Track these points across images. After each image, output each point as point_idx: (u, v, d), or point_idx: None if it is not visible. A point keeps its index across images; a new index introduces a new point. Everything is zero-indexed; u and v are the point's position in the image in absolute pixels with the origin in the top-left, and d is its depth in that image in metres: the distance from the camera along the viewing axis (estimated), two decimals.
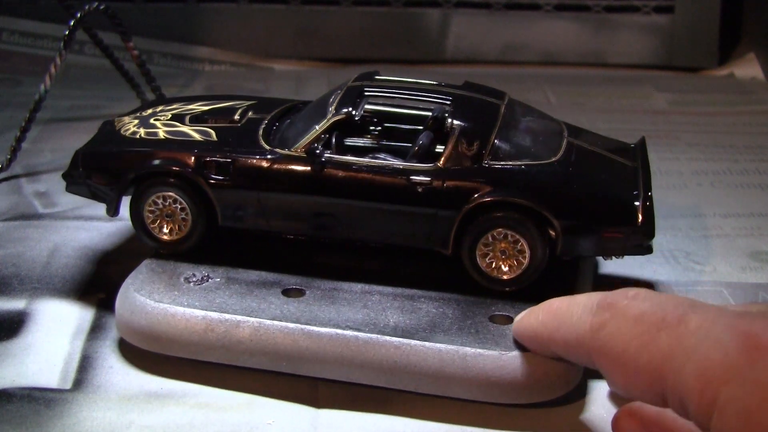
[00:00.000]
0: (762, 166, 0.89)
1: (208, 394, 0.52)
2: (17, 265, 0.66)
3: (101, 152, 0.61)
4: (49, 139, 0.92)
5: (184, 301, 0.54)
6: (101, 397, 0.51)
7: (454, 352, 0.50)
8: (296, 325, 0.52)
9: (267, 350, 0.52)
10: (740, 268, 0.67)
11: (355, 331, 0.52)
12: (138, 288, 0.56)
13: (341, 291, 0.56)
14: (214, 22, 1.24)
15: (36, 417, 0.49)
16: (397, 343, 0.51)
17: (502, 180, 0.55)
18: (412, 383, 0.51)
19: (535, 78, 1.19)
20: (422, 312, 0.54)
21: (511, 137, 0.57)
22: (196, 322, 0.53)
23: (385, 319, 0.53)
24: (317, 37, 1.24)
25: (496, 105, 0.59)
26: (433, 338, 0.51)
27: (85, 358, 0.55)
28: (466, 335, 0.52)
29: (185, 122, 0.62)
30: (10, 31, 1.21)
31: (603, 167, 0.58)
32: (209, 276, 0.57)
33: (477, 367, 0.50)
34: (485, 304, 0.55)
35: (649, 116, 1.04)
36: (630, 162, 0.59)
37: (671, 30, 1.23)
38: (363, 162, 0.56)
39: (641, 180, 0.57)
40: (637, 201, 0.55)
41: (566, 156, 0.57)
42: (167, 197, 0.59)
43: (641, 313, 0.39)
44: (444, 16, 1.24)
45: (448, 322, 0.53)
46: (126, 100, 0.99)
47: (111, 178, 0.60)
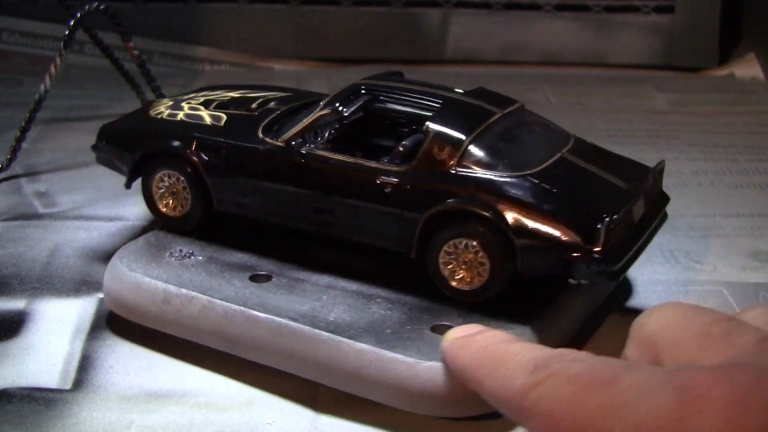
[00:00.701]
0: (762, 166, 0.88)
1: (208, 394, 0.52)
2: (17, 265, 0.66)
3: (120, 128, 0.65)
4: (49, 139, 0.92)
5: (154, 272, 0.57)
6: (101, 397, 0.51)
7: (373, 354, 0.50)
8: (240, 307, 0.54)
9: (211, 329, 0.54)
10: (740, 268, 0.67)
11: (291, 321, 0.52)
12: (122, 256, 0.59)
13: (306, 282, 0.57)
14: (214, 22, 1.24)
15: (36, 417, 0.49)
16: (324, 338, 0.51)
17: (466, 188, 0.53)
18: (334, 380, 0.51)
19: (535, 78, 1.19)
20: (370, 312, 0.54)
21: (491, 146, 0.55)
22: (156, 293, 0.56)
23: (327, 313, 0.53)
24: (317, 37, 1.24)
25: (489, 113, 0.57)
26: (361, 338, 0.51)
27: (85, 358, 0.55)
28: (396, 339, 0.51)
29: (209, 108, 0.64)
30: (10, 31, 1.21)
31: (587, 186, 0.55)
32: (193, 253, 0.60)
33: (392, 372, 0.49)
34: (438, 312, 0.54)
35: (649, 116, 1.04)
36: (627, 185, 0.56)
37: (671, 30, 1.23)
38: (338, 158, 0.57)
39: (630, 204, 0.54)
40: (600, 224, 0.51)
41: (547, 171, 0.54)
42: (172, 176, 0.61)
43: (574, 375, 0.37)
44: (444, 16, 1.24)
45: (388, 324, 0.52)
46: (126, 100, 0.99)
47: (125, 153, 0.63)
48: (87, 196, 0.78)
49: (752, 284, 0.65)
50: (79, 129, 0.95)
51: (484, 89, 0.61)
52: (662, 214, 0.60)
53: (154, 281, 0.56)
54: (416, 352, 0.50)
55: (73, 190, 0.79)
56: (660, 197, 0.61)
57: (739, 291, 0.64)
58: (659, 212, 0.59)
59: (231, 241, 0.61)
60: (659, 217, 0.59)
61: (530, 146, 0.57)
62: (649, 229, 0.57)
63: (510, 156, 0.55)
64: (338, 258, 0.59)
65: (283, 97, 0.66)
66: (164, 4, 1.23)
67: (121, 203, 0.76)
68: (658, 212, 0.59)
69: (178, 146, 0.61)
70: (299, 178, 0.57)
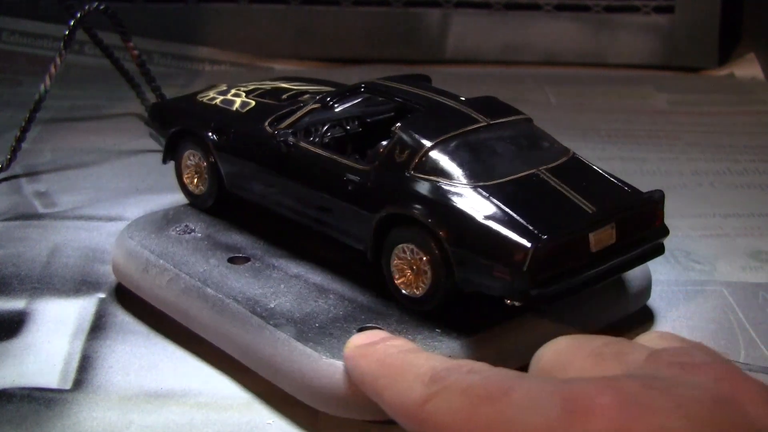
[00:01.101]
0: (762, 166, 0.89)
1: (208, 394, 0.52)
2: (17, 265, 0.66)
3: (165, 106, 0.69)
4: (49, 139, 0.92)
5: (147, 242, 0.60)
6: (101, 397, 0.51)
7: (287, 344, 0.50)
8: (198, 283, 0.56)
9: (173, 300, 0.57)
10: (740, 268, 0.67)
11: (233, 302, 0.54)
12: (133, 224, 0.63)
13: (277, 269, 0.58)
14: (214, 22, 1.24)
15: (36, 417, 0.49)
16: (252, 322, 0.52)
17: (416, 193, 0.52)
18: (254, 364, 0.52)
19: (535, 78, 1.19)
20: (312, 305, 0.54)
21: (455, 154, 0.53)
22: (139, 261, 0.59)
23: (272, 300, 0.54)
24: (317, 37, 1.24)
25: (470, 121, 0.56)
26: (284, 327, 0.51)
27: (85, 358, 0.55)
28: (318, 335, 0.51)
29: (250, 95, 0.66)
30: (10, 31, 1.21)
31: (543, 206, 0.52)
32: (195, 230, 0.62)
33: (297, 364, 0.49)
34: (378, 315, 0.53)
35: (649, 116, 1.04)
36: (595, 210, 0.52)
37: (671, 30, 1.24)
38: (315, 151, 0.57)
39: (587, 230, 0.51)
40: (531, 244, 0.48)
41: (505, 185, 0.52)
42: (196, 155, 0.64)
43: (468, 387, 0.38)
44: (444, 16, 1.24)
45: (321, 319, 0.53)
46: (126, 100, 0.99)
47: (163, 129, 0.67)
48: (87, 196, 0.78)
49: (752, 284, 0.65)
50: (79, 129, 0.96)
51: (492, 98, 0.60)
52: (651, 246, 0.55)
53: (141, 250, 0.60)
54: (325, 349, 0.50)
55: (73, 190, 0.79)
56: (655, 229, 0.56)
57: (739, 291, 0.64)
58: (644, 244, 0.55)
59: (240, 223, 0.63)
60: (643, 249, 0.54)
61: (503, 159, 0.54)
62: (615, 260, 0.52)
63: (472, 166, 0.53)
64: (330, 254, 0.59)
65: (316, 92, 0.66)
66: (164, 4, 1.23)
67: (121, 203, 0.76)
68: (641, 244, 0.54)
69: (199, 127, 0.63)
70: (284, 167, 0.59)
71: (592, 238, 0.51)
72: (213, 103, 0.66)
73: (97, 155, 0.88)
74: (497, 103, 0.60)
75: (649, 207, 0.55)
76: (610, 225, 0.52)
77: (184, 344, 0.56)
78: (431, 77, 0.66)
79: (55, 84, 0.83)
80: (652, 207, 0.55)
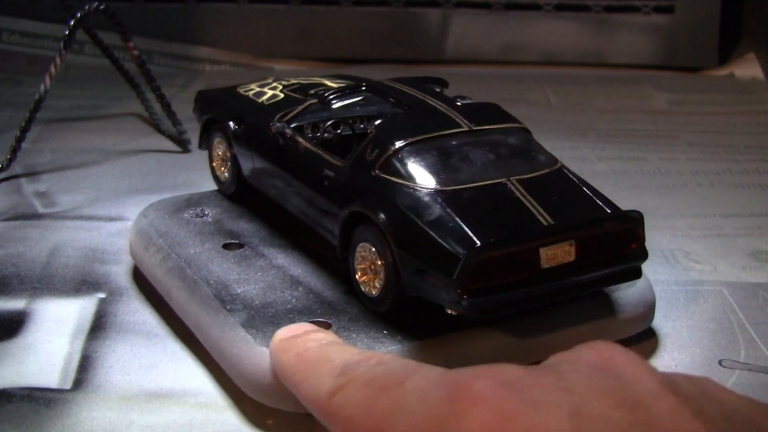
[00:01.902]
0: (762, 166, 0.89)
1: (208, 394, 0.52)
2: (17, 265, 0.66)
3: (206, 95, 0.70)
4: (49, 139, 0.92)
5: (156, 222, 0.63)
6: (101, 397, 0.51)
7: (233, 328, 0.51)
8: (182, 264, 0.58)
9: (161, 279, 0.59)
10: (740, 268, 0.67)
11: (204, 284, 0.55)
12: (152, 204, 0.66)
13: (264, 258, 0.59)
14: (214, 22, 1.24)
15: (36, 417, 0.49)
16: (211, 304, 0.54)
17: (375, 193, 0.52)
18: (209, 346, 0.53)
19: (535, 78, 1.19)
20: (279, 296, 0.55)
21: (423, 157, 0.52)
22: (144, 238, 0.62)
23: (241, 287, 0.55)
24: (317, 37, 1.24)
25: (450, 125, 0.55)
26: (237, 313, 0.52)
27: (85, 358, 0.55)
28: (265, 323, 0.51)
29: (284, 90, 0.66)
30: (10, 31, 1.21)
31: (498, 215, 0.50)
32: (206, 215, 0.65)
33: (236, 349, 0.50)
34: (333, 311, 0.53)
35: (649, 116, 1.04)
36: (553, 224, 0.50)
37: (671, 30, 1.24)
38: (305, 146, 0.58)
39: (536, 242, 0.49)
40: (463, 252, 0.47)
41: (465, 192, 0.51)
42: (222, 143, 0.66)
43: (370, 379, 0.39)
44: (444, 16, 1.24)
45: (277, 309, 0.53)
46: (126, 100, 0.99)
47: (200, 117, 0.69)
48: (87, 196, 0.78)
49: (752, 284, 0.65)
50: (79, 129, 0.96)
51: (491, 105, 0.59)
52: (624, 268, 0.52)
53: (148, 228, 0.62)
54: (264, 337, 0.50)
55: (73, 190, 0.80)
56: (631, 251, 0.52)
57: (739, 291, 0.64)
58: (616, 265, 0.52)
59: (254, 212, 0.65)
60: (611, 270, 0.52)
61: (473, 166, 0.53)
62: (572, 279, 0.50)
63: (436, 170, 0.52)
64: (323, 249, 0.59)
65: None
66: (164, 4, 1.23)
67: (121, 203, 0.76)
68: (612, 265, 0.51)
69: (223, 116, 0.65)
70: (280, 160, 0.60)
71: (544, 253, 0.49)
72: (246, 94, 0.67)
73: (97, 155, 0.88)
74: (492, 110, 0.58)
75: (623, 227, 0.52)
76: (567, 242, 0.49)
77: (184, 344, 0.56)
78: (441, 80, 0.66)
79: (55, 84, 0.83)
80: (626, 227, 0.52)
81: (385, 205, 0.51)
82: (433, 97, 0.59)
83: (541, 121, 0.99)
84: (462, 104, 0.58)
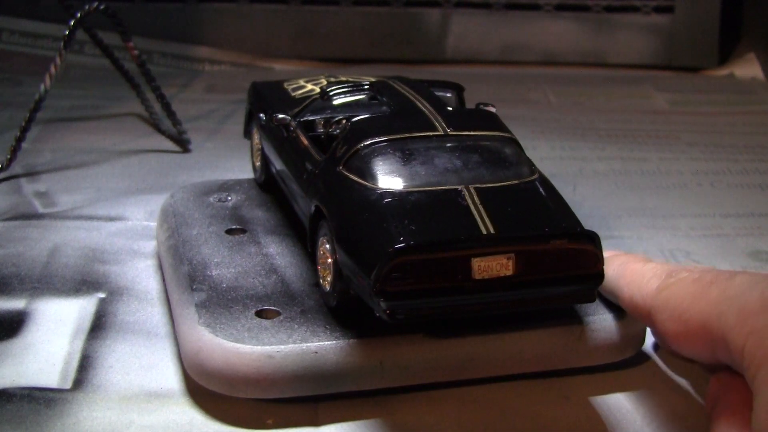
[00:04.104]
0: (762, 166, 0.89)
1: (209, 394, 0.52)
2: (17, 265, 0.66)
3: (255, 86, 0.71)
4: (49, 139, 0.92)
5: (179, 203, 0.65)
6: (101, 397, 0.51)
7: (187, 306, 0.52)
8: (178, 243, 0.60)
9: (162, 255, 0.61)
10: (740, 268, 0.67)
11: (184, 264, 0.57)
12: (185, 187, 0.68)
13: (256, 246, 0.60)
14: (214, 22, 1.24)
15: (36, 417, 0.49)
16: (182, 284, 0.55)
17: (334, 188, 0.52)
18: (175, 324, 0.54)
19: (535, 78, 1.19)
20: (249, 282, 0.55)
21: (384, 157, 0.52)
22: (162, 216, 0.65)
23: (217, 269, 0.56)
24: (317, 37, 1.24)
25: (428, 127, 0.54)
26: (198, 292, 0.53)
27: (85, 358, 0.55)
28: (219, 305, 0.52)
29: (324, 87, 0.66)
30: (10, 31, 1.21)
31: (436, 221, 0.48)
32: (229, 200, 0.66)
33: (184, 326, 0.52)
34: (292, 301, 0.53)
35: (649, 116, 1.04)
36: (492, 234, 0.47)
37: (671, 30, 1.24)
38: (300, 139, 0.59)
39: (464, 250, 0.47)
40: (382, 253, 0.46)
41: (411, 194, 0.50)
42: (256, 133, 0.68)
43: (698, 277, 0.45)
44: (444, 16, 1.24)
45: (239, 293, 0.54)
46: (126, 100, 0.99)
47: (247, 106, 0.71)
48: (87, 196, 0.78)
49: None
50: (79, 129, 0.96)
51: (481, 112, 0.59)
52: (574, 290, 0.49)
53: (168, 207, 0.65)
54: (209, 317, 0.51)
55: (73, 190, 0.80)
56: (586, 273, 0.49)
57: None
58: (565, 285, 0.49)
59: (278, 202, 0.66)
60: (559, 290, 0.49)
61: (434, 170, 0.52)
62: (509, 294, 0.48)
63: (393, 171, 0.51)
64: None
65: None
66: (164, 4, 1.23)
67: (121, 203, 0.76)
68: (561, 284, 0.49)
69: (258, 107, 0.67)
70: (281, 151, 0.61)
71: (476, 264, 0.47)
72: (286, 88, 0.68)
73: (97, 155, 0.88)
74: (481, 118, 0.57)
75: (575, 247, 0.48)
76: (505, 254, 0.47)
77: None
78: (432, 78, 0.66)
79: (55, 84, 0.83)
80: (578, 247, 0.48)
81: (334, 201, 0.51)
82: (427, 100, 0.59)
83: (541, 121, 0.99)
84: (451, 109, 0.58)
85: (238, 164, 0.82)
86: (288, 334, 0.50)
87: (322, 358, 0.49)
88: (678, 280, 0.46)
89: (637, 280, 0.49)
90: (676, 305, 0.45)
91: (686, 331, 0.44)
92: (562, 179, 0.82)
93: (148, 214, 0.74)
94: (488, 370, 0.52)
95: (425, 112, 0.57)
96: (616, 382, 0.53)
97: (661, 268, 0.48)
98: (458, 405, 0.51)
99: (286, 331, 0.50)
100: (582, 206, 0.78)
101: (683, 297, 0.44)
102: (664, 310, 0.45)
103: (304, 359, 0.49)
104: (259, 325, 0.51)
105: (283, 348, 0.49)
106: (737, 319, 0.40)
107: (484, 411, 0.51)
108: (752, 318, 0.39)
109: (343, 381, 0.50)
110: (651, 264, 0.50)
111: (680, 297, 0.45)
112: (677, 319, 0.44)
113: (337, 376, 0.49)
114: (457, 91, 0.64)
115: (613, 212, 0.77)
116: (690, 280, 0.45)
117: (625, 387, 0.53)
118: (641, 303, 0.48)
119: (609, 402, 0.52)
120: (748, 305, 0.40)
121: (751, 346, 0.39)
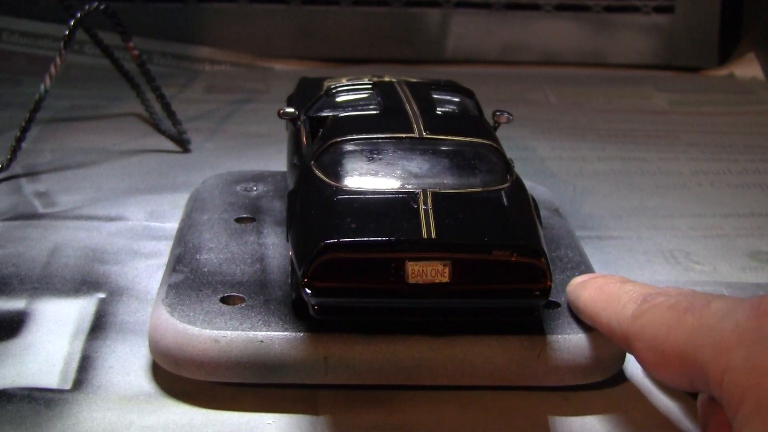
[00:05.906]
0: (762, 166, 0.89)
1: (208, 394, 0.52)
2: (17, 265, 0.66)
3: (299, 83, 0.71)
4: (49, 139, 0.92)
5: (206, 189, 0.67)
6: (101, 397, 0.51)
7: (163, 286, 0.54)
8: (185, 226, 0.62)
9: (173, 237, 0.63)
10: (740, 268, 0.67)
11: (176, 247, 0.59)
12: (220, 174, 0.70)
13: (258, 234, 0.61)
14: (214, 22, 1.24)
15: (36, 417, 0.49)
16: (169, 266, 0.57)
17: (302, 182, 0.53)
18: None
19: (535, 78, 1.19)
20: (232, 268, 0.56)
21: (350, 155, 0.52)
22: (188, 201, 0.67)
23: (206, 253, 0.58)
24: (317, 37, 1.24)
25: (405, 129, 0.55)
26: (177, 273, 0.55)
27: (85, 358, 0.55)
28: (190, 288, 0.53)
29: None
30: (10, 31, 1.21)
31: (382, 222, 0.48)
32: (254, 190, 0.67)
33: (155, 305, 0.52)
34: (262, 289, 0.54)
35: (649, 116, 1.04)
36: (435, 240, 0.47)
37: (671, 30, 1.24)
38: (300, 133, 0.59)
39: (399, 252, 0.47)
40: (313, 249, 0.46)
41: (366, 194, 0.50)
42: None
43: (674, 303, 0.43)
44: (444, 16, 1.24)
45: (217, 279, 0.54)
46: (126, 100, 0.99)
47: None
48: (87, 196, 0.78)
49: (752, 284, 0.65)
50: (79, 129, 0.96)
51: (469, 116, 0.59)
52: (514, 304, 0.48)
53: (196, 193, 0.67)
54: (174, 298, 0.52)
55: (73, 190, 0.79)
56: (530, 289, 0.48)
57: (739, 291, 0.64)
58: (499, 298, 0.48)
59: None
60: (498, 303, 0.48)
61: (398, 171, 0.52)
62: (445, 302, 0.48)
63: (354, 170, 0.52)
64: None
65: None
66: (164, 4, 1.23)
67: (121, 203, 0.76)
68: (493, 297, 0.48)
69: (292, 102, 0.67)
70: (288, 145, 0.63)
71: (411, 267, 0.47)
72: (323, 85, 0.66)
73: (97, 155, 0.88)
74: (464, 122, 0.57)
75: (519, 260, 0.47)
76: (441, 261, 0.47)
77: None
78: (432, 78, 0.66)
79: (55, 84, 0.83)
80: (522, 261, 0.47)
81: (297, 195, 0.52)
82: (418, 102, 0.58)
83: (541, 121, 0.99)
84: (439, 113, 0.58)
85: (238, 164, 0.82)
86: (240, 321, 0.51)
87: (267, 347, 0.49)
88: (653, 306, 0.44)
89: (613, 305, 0.47)
90: (653, 334, 0.43)
91: (664, 362, 0.43)
92: (562, 179, 0.82)
93: (148, 214, 0.74)
94: (436, 378, 0.50)
95: (409, 114, 0.57)
96: (617, 382, 0.53)
97: (637, 291, 0.47)
98: (458, 406, 0.51)
99: (240, 318, 0.51)
100: (582, 206, 0.78)
101: (659, 325, 0.43)
102: (641, 338, 0.44)
103: (249, 347, 0.49)
104: (218, 309, 0.52)
105: (229, 334, 0.50)
106: (713, 354, 0.39)
107: (484, 411, 0.51)
108: (728, 354, 0.38)
109: (286, 372, 0.50)
110: (627, 286, 0.48)
111: (656, 325, 0.43)
112: (654, 350, 0.43)
113: (280, 367, 0.50)
114: (469, 96, 0.63)
115: (613, 212, 0.77)
116: (665, 307, 0.44)
117: (625, 389, 0.53)
118: (618, 330, 0.46)
119: (609, 401, 0.52)
120: (723, 339, 0.39)
121: (728, 383, 0.38)
